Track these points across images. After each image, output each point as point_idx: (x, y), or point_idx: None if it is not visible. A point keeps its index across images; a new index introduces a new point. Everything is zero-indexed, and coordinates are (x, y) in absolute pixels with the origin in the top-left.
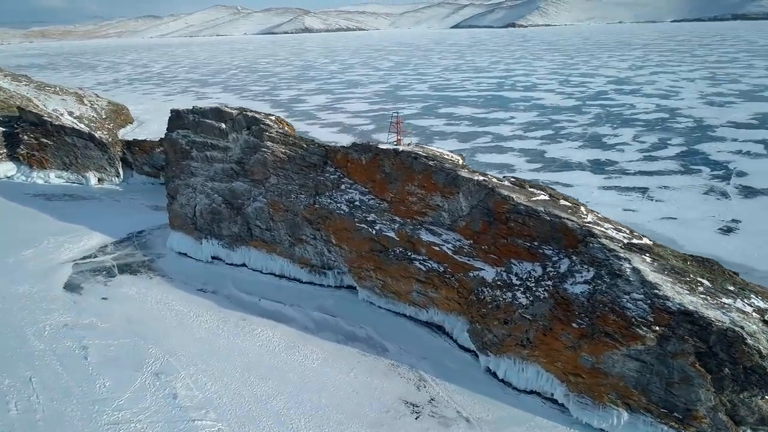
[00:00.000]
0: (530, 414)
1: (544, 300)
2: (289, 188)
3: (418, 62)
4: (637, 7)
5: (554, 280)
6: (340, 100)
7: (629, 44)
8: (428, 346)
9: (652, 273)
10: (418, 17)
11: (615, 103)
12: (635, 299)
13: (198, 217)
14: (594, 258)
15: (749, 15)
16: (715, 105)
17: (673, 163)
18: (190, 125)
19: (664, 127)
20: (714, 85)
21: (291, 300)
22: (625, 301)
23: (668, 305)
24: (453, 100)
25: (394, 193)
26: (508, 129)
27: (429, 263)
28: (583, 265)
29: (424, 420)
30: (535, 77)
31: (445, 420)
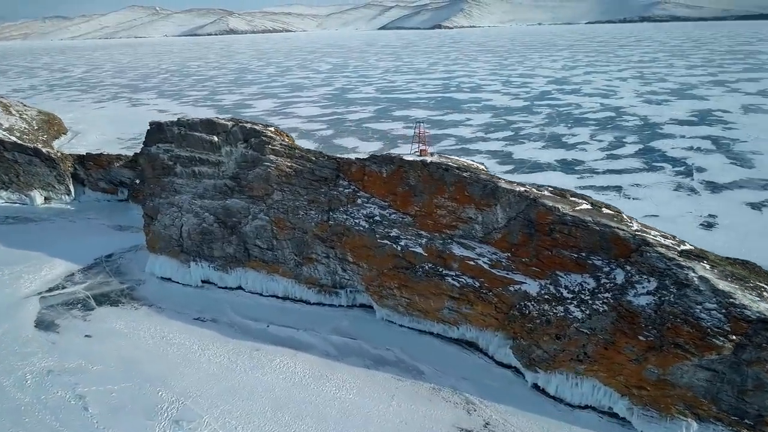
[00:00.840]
0: (589, 430)
1: (605, 313)
2: (297, 204)
3: (357, 64)
4: (554, 9)
5: (613, 292)
6: (288, 105)
7: (554, 45)
8: (464, 364)
9: (720, 281)
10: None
11: (561, 103)
12: (709, 309)
13: (185, 238)
14: (654, 268)
15: (654, 17)
16: (653, 103)
17: (635, 161)
18: (174, 139)
19: (615, 125)
20: (645, 84)
21: (303, 324)
22: (699, 311)
23: (746, 314)
24: (404, 102)
25: (419, 207)
26: (468, 131)
27: (463, 279)
28: (643, 276)
29: None
30: (477, 78)
31: None
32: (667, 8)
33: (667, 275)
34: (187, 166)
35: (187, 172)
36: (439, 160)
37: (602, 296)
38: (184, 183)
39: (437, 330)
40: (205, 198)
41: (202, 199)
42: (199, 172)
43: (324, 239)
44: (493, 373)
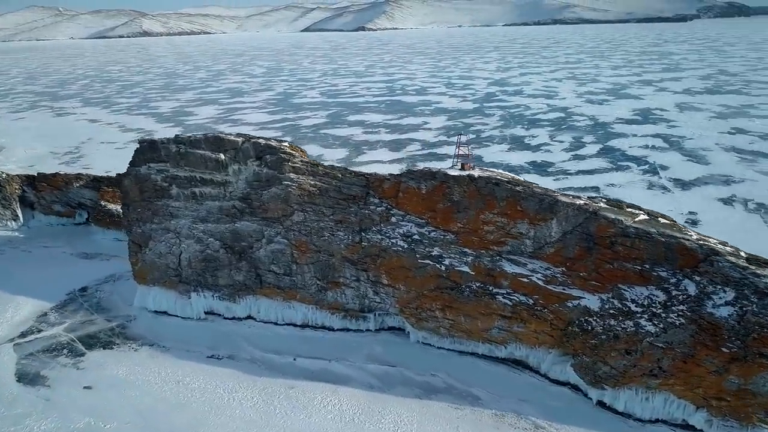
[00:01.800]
0: None
1: (682, 326)
2: (321, 225)
3: (291, 67)
4: (472, 12)
5: (688, 304)
6: (233, 111)
7: (481, 47)
8: (517, 385)
9: None
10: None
11: (510, 105)
12: None
13: (184, 267)
14: (728, 277)
15: (565, 20)
16: (595, 103)
17: (601, 161)
18: (170, 157)
19: (569, 126)
20: (581, 84)
21: (332, 353)
22: None
23: None
24: (353, 106)
25: (463, 223)
26: (430, 135)
27: (515, 296)
28: (717, 286)
29: None
30: (419, 81)
31: None
32: (577, 11)
33: (744, 284)
34: (186, 187)
35: (186, 194)
36: (488, 174)
37: (677, 309)
38: (181, 206)
39: (482, 350)
40: (208, 222)
41: (205, 223)
42: (201, 193)
43: (354, 262)
44: (551, 393)
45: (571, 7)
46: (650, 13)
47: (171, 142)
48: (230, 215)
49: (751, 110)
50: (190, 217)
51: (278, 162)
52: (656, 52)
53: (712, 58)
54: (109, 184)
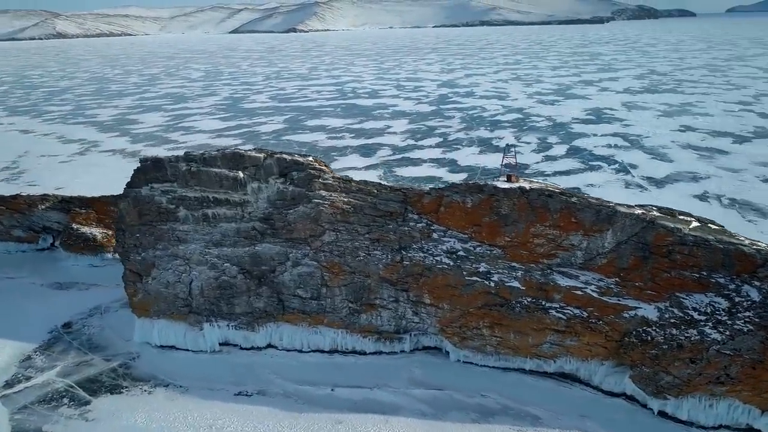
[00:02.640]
0: None
1: (751, 333)
2: (356, 245)
3: (231, 71)
4: (402, 14)
5: (755, 310)
6: (182, 118)
7: (418, 48)
8: (571, 400)
9: None
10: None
11: (466, 106)
12: None
13: (196, 296)
14: None
15: (492, 22)
16: (547, 104)
17: (573, 162)
18: (178, 177)
19: (529, 127)
20: (527, 85)
21: (371, 380)
22: None
23: None
24: (309, 111)
25: (511, 237)
26: (396, 139)
27: (569, 310)
28: None
29: None
30: (368, 83)
31: None
32: (502, 13)
33: None
34: (196, 209)
35: (196, 216)
36: (539, 186)
37: (743, 315)
38: (190, 229)
39: (529, 366)
40: (224, 245)
41: (220, 247)
42: (215, 215)
43: (394, 282)
44: (608, 405)
45: (497, 9)
46: (570, 15)
47: (180, 160)
48: (249, 237)
49: (692, 108)
50: (202, 241)
51: (307, 179)
52: (586, 53)
53: (639, 58)
54: (81, 205)
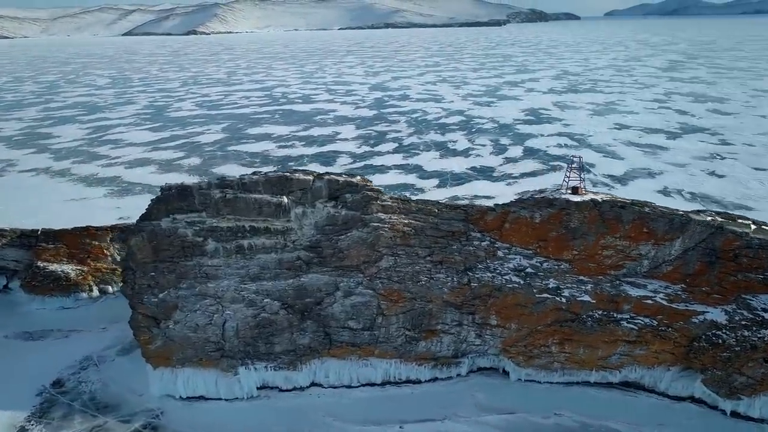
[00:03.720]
0: None
1: None
2: (417, 269)
3: (140, 76)
4: (306, 16)
5: None
6: (104, 130)
7: (333, 51)
8: (643, 410)
9: None
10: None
11: (406, 110)
12: None
13: (230, 338)
14: None
15: (396, 24)
16: (483, 105)
17: (534, 163)
18: (208, 206)
19: (477, 129)
20: (456, 87)
21: (434, 411)
22: None
23: None
24: (245, 119)
25: (579, 250)
26: (352, 146)
27: (639, 320)
28: None
29: None
30: (296, 87)
31: None
32: (406, 16)
33: None
34: (229, 240)
35: (228, 249)
36: (611, 198)
37: None
38: (221, 264)
39: (594, 378)
40: (263, 279)
41: (259, 282)
42: (251, 246)
43: (459, 305)
44: (679, 411)
45: (400, 12)
46: (469, 18)
47: (213, 186)
48: (293, 268)
49: (617, 107)
50: (236, 276)
51: (363, 201)
52: (498, 54)
53: (548, 59)
54: (47, 239)
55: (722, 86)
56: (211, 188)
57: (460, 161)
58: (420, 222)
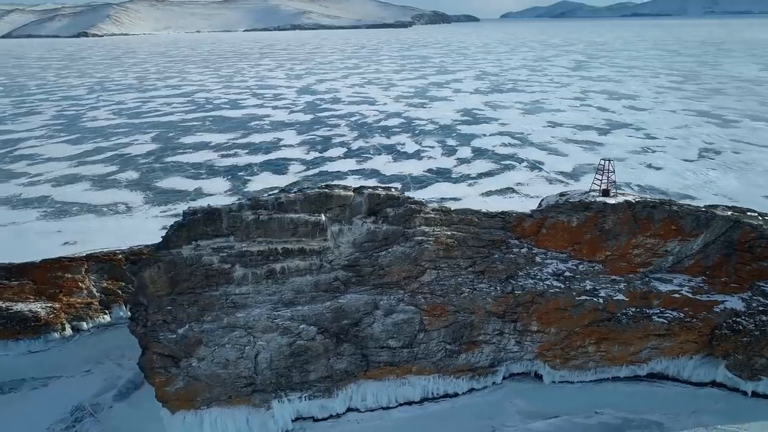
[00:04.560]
0: None
1: None
2: (459, 281)
3: (37, 83)
4: (209, 17)
5: None
6: (12, 144)
7: (246, 53)
8: (676, 399)
9: None
10: None
11: (343, 113)
12: None
13: (262, 370)
14: None
15: (303, 26)
16: (417, 107)
17: (487, 163)
18: (238, 229)
19: (420, 131)
20: (385, 89)
21: (485, 424)
22: None
23: None
24: (174, 126)
25: (612, 251)
26: (299, 152)
27: (668, 313)
28: None
29: None
30: (219, 92)
31: None
32: (313, 17)
33: None
34: (259, 265)
35: (258, 275)
36: (642, 198)
37: None
38: (251, 291)
39: (624, 373)
40: (298, 304)
41: (293, 307)
42: (284, 269)
43: (501, 314)
44: (706, 396)
45: (307, 14)
46: (376, 20)
47: (245, 207)
48: (331, 290)
49: (543, 105)
50: (268, 303)
51: (406, 215)
52: (414, 56)
53: (463, 60)
54: (10, 276)
55: (628, 84)
56: (243, 210)
57: (415, 164)
58: (462, 233)
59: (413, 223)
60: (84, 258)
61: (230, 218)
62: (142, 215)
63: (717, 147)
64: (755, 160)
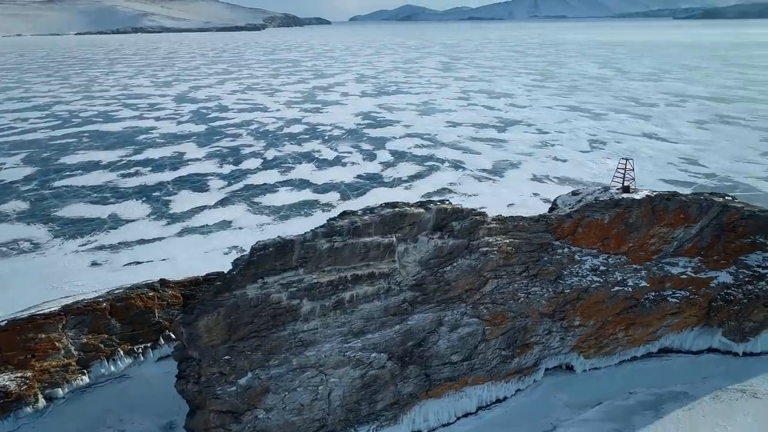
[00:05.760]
0: None
1: None
2: (515, 287)
3: None
4: (32, 19)
5: None
6: None
7: (90, 60)
8: (681, 369)
9: None
10: None
11: (238, 122)
12: None
13: (335, 408)
14: None
15: (146, 29)
16: (315, 112)
17: (410, 166)
18: (309, 259)
19: (329, 137)
20: (269, 95)
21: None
22: None
23: None
24: (42, 145)
25: (633, 243)
26: (212, 166)
27: (679, 293)
28: None
29: None
30: (80, 103)
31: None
32: (156, 19)
33: None
34: (328, 296)
35: (326, 306)
36: (657, 192)
37: None
38: (318, 326)
39: (640, 353)
40: (368, 332)
41: (363, 336)
42: (353, 297)
43: (551, 314)
44: (707, 362)
45: (149, 15)
46: (227, 22)
47: (320, 236)
48: (400, 312)
49: (433, 106)
50: (338, 336)
51: (471, 227)
52: (283, 60)
53: (336, 63)
54: None
55: (499, 83)
56: (317, 239)
57: (341, 171)
58: (517, 239)
59: (478, 234)
60: (61, 313)
61: (304, 248)
62: (58, 252)
63: (600, 138)
64: (636, 148)
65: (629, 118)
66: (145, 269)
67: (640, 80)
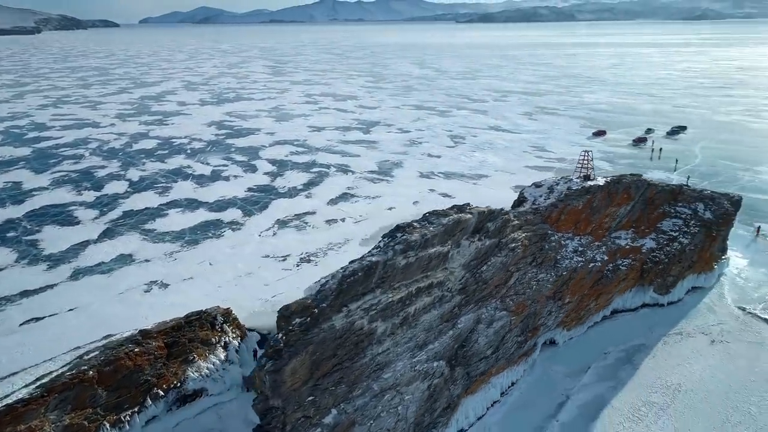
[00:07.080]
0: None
1: (697, 232)
2: (529, 276)
3: None
4: None
5: (696, 219)
6: None
7: None
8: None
9: None
10: None
11: (71, 141)
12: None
13: (410, 425)
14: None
15: None
16: (157, 124)
17: (298, 174)
18: (386, 278)
19: (191, 150)
20: (92, 107)
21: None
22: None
23: None
24: None
25: (594, 223)
26: (90, 196)
27: (625, 262)
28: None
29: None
30: None
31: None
32: None
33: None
34: (396, 313)
35: (395, 324)
36: (611, 177)
37: (692, 223)
38: (390, 345)
39: (596, 318)
40: (430, 342)
41: (426, 348)
42: (416, 311)
43: (553, 296)
44: (645, 316)
45: None
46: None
47: (398, 253)
48: (452, 318)
49: (285, 111)
50: (407, 351)
51: (503, 226)
52: (85, 68)
53: (152, 71)
54: None
55: (338, 85)
56: (396, 256)
57: (226, 186)
58: (531, 232)
59: (506, 232)
60: (45, 394)
61: (385, 268)
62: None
63: (456, 133)
64: (492, 141)
65: (471, 114)
66: (54, 325)
67: (461, 79)
